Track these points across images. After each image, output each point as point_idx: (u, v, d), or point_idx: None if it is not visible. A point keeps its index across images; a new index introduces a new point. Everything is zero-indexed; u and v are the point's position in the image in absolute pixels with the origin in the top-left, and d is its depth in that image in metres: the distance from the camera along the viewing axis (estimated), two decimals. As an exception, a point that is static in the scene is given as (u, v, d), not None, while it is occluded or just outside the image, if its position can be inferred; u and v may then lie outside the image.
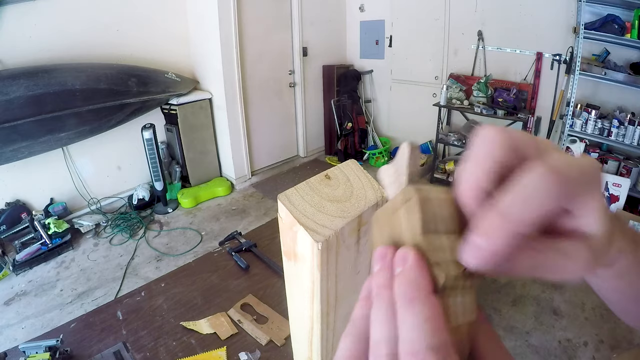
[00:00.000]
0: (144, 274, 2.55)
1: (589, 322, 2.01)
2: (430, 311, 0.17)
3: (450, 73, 3.75)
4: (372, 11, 4.28)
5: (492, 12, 3.37)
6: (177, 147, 3.63)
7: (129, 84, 3.00)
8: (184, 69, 3.68)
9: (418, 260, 0.18)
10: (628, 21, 2.64)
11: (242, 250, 1.26)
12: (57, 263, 2.68)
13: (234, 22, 3.37)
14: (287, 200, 0.30)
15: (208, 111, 3.71)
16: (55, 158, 3.02)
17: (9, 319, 2.19)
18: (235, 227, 3.02)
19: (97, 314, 1.02)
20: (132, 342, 0.92)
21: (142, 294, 1.09)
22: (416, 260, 0.18)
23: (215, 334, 0.94)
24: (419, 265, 0.18)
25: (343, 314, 0.36)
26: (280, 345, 0.91)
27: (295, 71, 4.17)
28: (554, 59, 3.09)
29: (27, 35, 2.70)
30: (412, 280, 0.18)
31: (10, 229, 2.68)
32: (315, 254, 0.28)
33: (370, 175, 0.34)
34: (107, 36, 3.12)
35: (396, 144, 4.46)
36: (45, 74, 2.60)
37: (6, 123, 2.44)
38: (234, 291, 1.09)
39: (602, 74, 2.78)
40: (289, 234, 0.30)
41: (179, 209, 3.41)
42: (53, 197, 3.08)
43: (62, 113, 2.67)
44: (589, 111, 2.90)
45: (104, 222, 3.13)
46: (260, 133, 3.99)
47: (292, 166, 4.39)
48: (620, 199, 2.53)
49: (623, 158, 2.87)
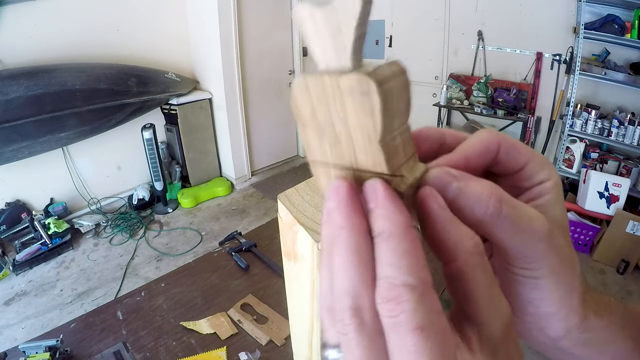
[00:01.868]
0: (144, 274, 2.55)
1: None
2: (408, 245, 0.16)
3: (450, 73, 3.75)
4: (372, 11, 4.28)
5: (492, 12, 3.37)
6: (177, 147, 3.63)
7: (129, 84, 3.00)
8: (184, 69, 3.68)
9: (389, 193, 0.17)
10: (628, 21, 2.64)
11: (242, 250, 1.26)
12: (57, 263, 2.68)
13: (234, 22, 3.37)
14: (287, 200, 0.30)
15: (208, 111, 3.71)
16: (55, 158, 3.02)
17: (9, 319, 2.19)
18: (235, 227, 3.02)
19: (97, 314, 1.02)
20: (132, 342, 0.92)
21: (142, 294, 1.09)
22: (387, 194, 0.17)
23: (215, 334, 0.94)
24: (391, 197, 0.17)
25: (343, 314, 0.36)
26: (280, 345, 0.91)
27: (295, 71, 4.17)
28: (554, 59, 3.09)
29: (27, 35, 2.70)
30: (388, 216, 0.17)
31: (10, 229, 2.68)
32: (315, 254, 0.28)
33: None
34: (107, 36, 3.12)
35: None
36: (45, 74, 2.60)
37: (6, 123, 2.44)
38: (234, 291, 1.09)
39: (602, 74, 2.78)
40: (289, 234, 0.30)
41: (179, 209, 3.41)
42: (53, 197, 3.08)
43: (62, 113, 2.67)
44: (589, 111, 2.90)
45: (104, 222, 3.13)
46: (260, 133, 3.99)
47: (292, 166, 4.39)
48: (620, 199, 2.53)
49: (623, 158, 2.87)
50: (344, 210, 0.17)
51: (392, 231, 0.16)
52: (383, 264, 0.16)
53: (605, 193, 2.55)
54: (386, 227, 0.16)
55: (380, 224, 0.17)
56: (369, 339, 0.16)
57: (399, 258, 0.16)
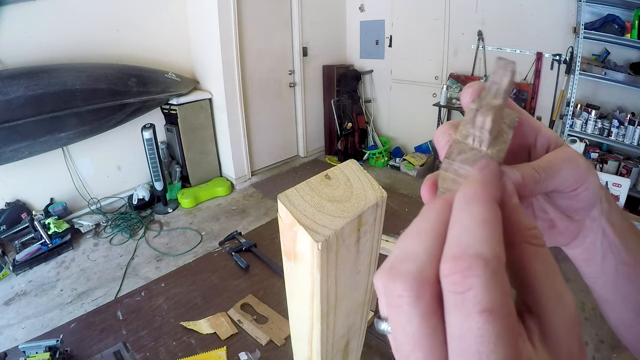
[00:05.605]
0: (144, 274, 2.55)
1: (589, 322, 2.01)
2: (491, 215, 0.15)
3: (450, 73, 3.75)
4: (372, 11, 4.28)
5: (492, 12, 3.37)
6: (177, 147, 3.63)
7: (129, 84, 3.00)
8: (184, 69, 3.68)
9: (497, 169, 0.17)
10: (628, 21, 2.64)
11: (242, 250, 1.26)
12: (57, 263, 2.68)
13: (234, 22, 3.37)
14: (287, 200, 0.30)
15: (208, 111, 3.71)
16: (55, 158, 3.02)
17: (9, 319, 2.19)
18: (235, 227, 3.02)
19: (97, 314, 1.02)
20: (132, 342, 0.92)
21: (142, 294, 1.09)
22: (496, 168, 0.17)
23: (215, 334, 0.94)
24: (496, 172, 0.17)
25: (343, 314, 0.36)
26: (280, 345, 0.91)
27: (295, 71, 4.17)
28: (554, 59, 3.09)
29: (27, 35, 2.70)
30: (483, 182, 0.16)
31: (10, 229, 2.68)
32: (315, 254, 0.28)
33: (370, 175, 0.34)
34: (107, 36, 3.12)
35: (396, 144, 4.47)
36: (45, 74, 2.60)
37: (6, 123, 2.44)
38: (234, 291, 1.09)
39: (602, 74, 2.78)
40: (289, 234, 0.30)
41: (179, 209, 3.41)
42: (53, 197, 3.08)
43: (62, 113, 2.67)
44: (589, 111, 2.90)
45: (104, 222, 3.13)
46: (260, 133, 3.99)
47: (292, 166, 4.39)
48: (620, 199, 2.53)
49: (623, 158, 2.87)
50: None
51: (476, 195, 0.15)
52: (458, 227, 0.15)
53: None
54: (473, 190, 0.16)
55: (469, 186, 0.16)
56: (422, 317, 0.14)
57: (477, 225, 0.14)
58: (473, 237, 0.14)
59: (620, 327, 0.31)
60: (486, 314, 0.13)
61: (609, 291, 0.29)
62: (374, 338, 0.90)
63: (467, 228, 0.14)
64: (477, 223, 0.14)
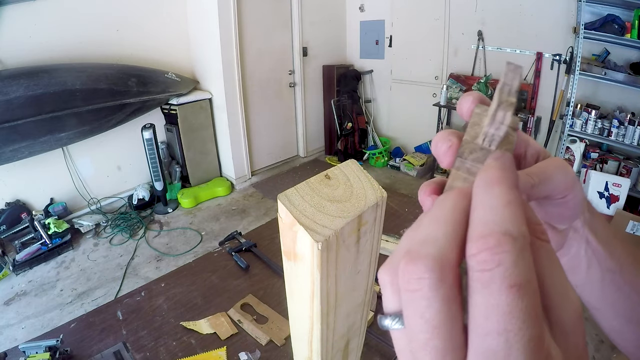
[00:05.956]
0: (144, 274, 2.55)
1: (589, 322, 1.99)
2: (514, 196, 0.15)
3: (450, 73, 3.75)
4: (372, 11, 4.28)
5: (492, 12, 3.37)
6: (177, 147, 3.63)
7: (129, 84, 3.00)
8: (184, 69, 3.68)
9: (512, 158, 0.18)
10: (628, 21, 2.64)
11: (242, 250, 1.26)
12: (57, 263, 2.68)
13: (234, 22, 3.37)
14: (287, 200, 0.30)
15: (208, 111, 3.71)
16: (55, 158, 3.02)
17: (9, 319, 2.19)
18: (235, 227, 3.02)
19: (97, 314, 1.02)
20: (132, 342, 0.92)
21: (142, 294, 1.09)
22: (511, 157, 0.18)
23: (215, 334, 0.94)
24: (512, 160, 0.18)
25: (343, 314, 0.36)
26: (280, 345, 0.91)
27: (295, 71, 4.17)
28: (554, 59, 3.09)
29: (27, 35, 2.70)
30: (503, 166, 0.17)
31: (10, 229, 2.68)
32: (315, 254, 0.28)
33: (370, 175, 0.34)
34: (107, 36, 3.12)
35: (396, 144, 4.47)
36: (45, 74, 2.60)
37: (6, 123, 2.44)
38: (234, 291, 1.09)
39: (602, 74, 2.78)
40: (289, 234, 0.30)
41: (179, 209, 3.41)
42: (53, 197, 3.08)
43: (62, 113, 2.67)
44: (589, 111, 2.90)
45: (104, 222, 3.13)
46: (260, 133, 3.99)
47: (292, 166, 4.39)
48: (620, 199, 2.53)
49: (623, 158, 2.87)
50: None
51: (498, 177, 0.16)
52: (482, 208, 0.15)
53: (605, 193, 2.55)
54: (494, 174, 0.16)
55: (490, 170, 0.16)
56: (444, 301, 0.14)
57: (503, 205, 0.15)
58: (500, 217, 0.14)
59: (612, 333, 0.32)
60: (515, 288, 0.13)
61: (596, 298, 0.30)
62: (374, 338, 0.90)
63: (492, 208, 0.15)
64: (502, 203, 0.15)
